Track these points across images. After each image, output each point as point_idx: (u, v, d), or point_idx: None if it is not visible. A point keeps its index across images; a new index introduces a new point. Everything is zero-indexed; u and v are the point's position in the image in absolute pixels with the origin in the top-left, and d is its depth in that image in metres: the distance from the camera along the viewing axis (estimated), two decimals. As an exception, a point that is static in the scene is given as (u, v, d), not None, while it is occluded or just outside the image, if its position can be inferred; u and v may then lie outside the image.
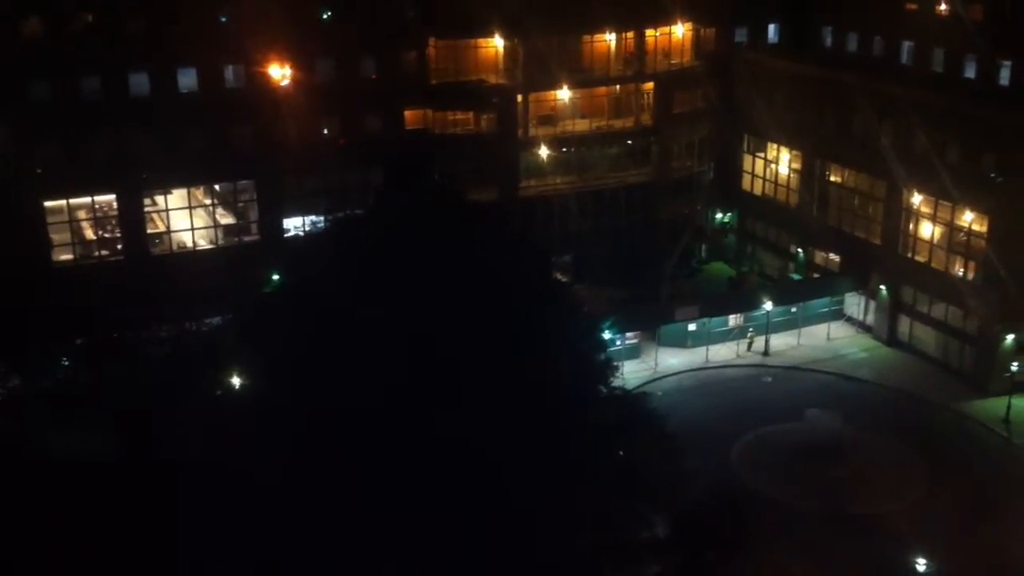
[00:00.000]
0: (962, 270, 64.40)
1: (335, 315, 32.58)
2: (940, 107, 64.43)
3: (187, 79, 64.60)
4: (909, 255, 67.59)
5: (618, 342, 62.88)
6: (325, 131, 69.11)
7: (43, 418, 32.70)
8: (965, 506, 51.79)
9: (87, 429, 31.12)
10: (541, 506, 32.54)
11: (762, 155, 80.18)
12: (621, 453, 38.61)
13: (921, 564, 45.17)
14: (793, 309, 71.15)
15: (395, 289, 32.82)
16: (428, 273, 33.10)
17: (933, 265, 66.08)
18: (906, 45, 74.32)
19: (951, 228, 64.75)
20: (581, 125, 75.84)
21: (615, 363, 43.13)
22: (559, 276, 49.05)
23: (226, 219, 68.69)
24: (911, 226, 67.46)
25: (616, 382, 41.87)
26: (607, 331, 54.25)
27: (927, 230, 66.58)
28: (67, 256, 64.12)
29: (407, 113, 70.48)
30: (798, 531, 49.34)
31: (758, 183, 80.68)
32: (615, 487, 36.81)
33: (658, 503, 37.39)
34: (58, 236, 63.65)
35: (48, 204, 62.95)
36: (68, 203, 63.53)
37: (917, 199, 66.54)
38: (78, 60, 61.55)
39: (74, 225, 64.47)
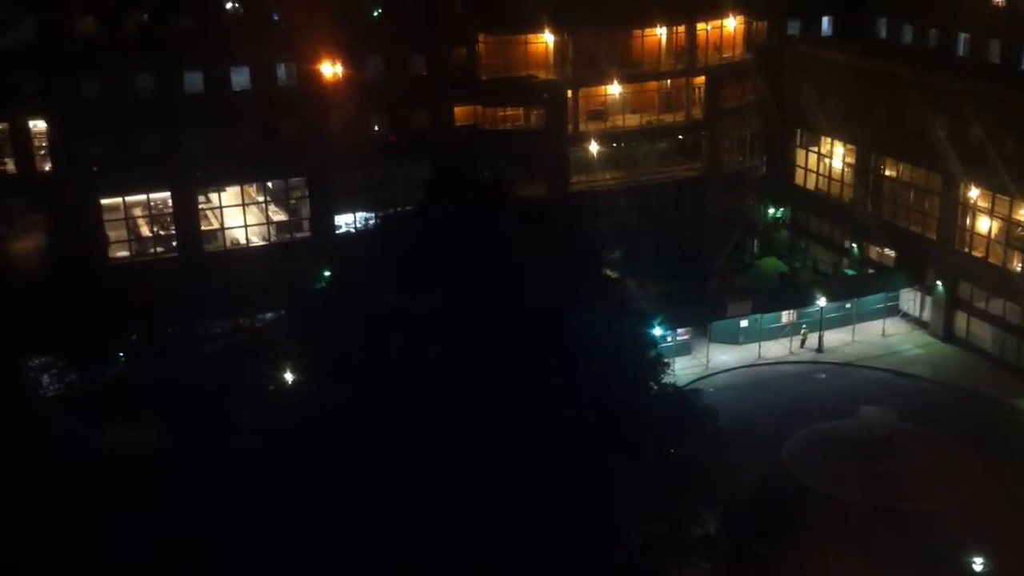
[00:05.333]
0: (1020, 265, 63.33)
1: (380, 315, 32.66)
2: (997, 99, 63.39)
3: (240, 77, 65.27)
4: (966, 250, 66.59)
5: (669, 338, 62.55)
6: (376, 127, 69.52)
7: (98, 415, 33.11)
8: (1022, 504, 50.94)
9: (140, 427, 31.47)
10: (592, 504, 32.46)
11: (815, 149, 79.31)
12: (672, 450, 38.44)
13: (978, 563, 44.50)
14: (847, 305, 70.34)
15: (441, 288, 32.83)
16: (475, 271, 33.09)
17: (990, 260, 65.05)
18: (962, 36, 73.22)
19: (1009, 222, 63.71)
20: (631, 120, 75.31)
21: (666, 359, 42.92)
22: (609, 272, 48.74)
23: (278, 216, 69.29)
24: (968, 220, 66.48)
25: (667, 378, 41.66)
26: (658, 327, 54.00)
27: (984, 224, 65.56)
28: (123, 253, 64.99)
29: (457, 109, 70.62)
30: (849, 527, 48.80)
31: (811, 177, 79.81)
32: (667, 484, 36.68)
33: (710, 500, 37.21)
34: (114, 233, 64.57)
35: (104, 201, 63.87)
36: (124, 200, 64.43)
37: (974, 193, 65.55)
38: (132, 59, 62.30)
39: (130, 222, 65.40)
